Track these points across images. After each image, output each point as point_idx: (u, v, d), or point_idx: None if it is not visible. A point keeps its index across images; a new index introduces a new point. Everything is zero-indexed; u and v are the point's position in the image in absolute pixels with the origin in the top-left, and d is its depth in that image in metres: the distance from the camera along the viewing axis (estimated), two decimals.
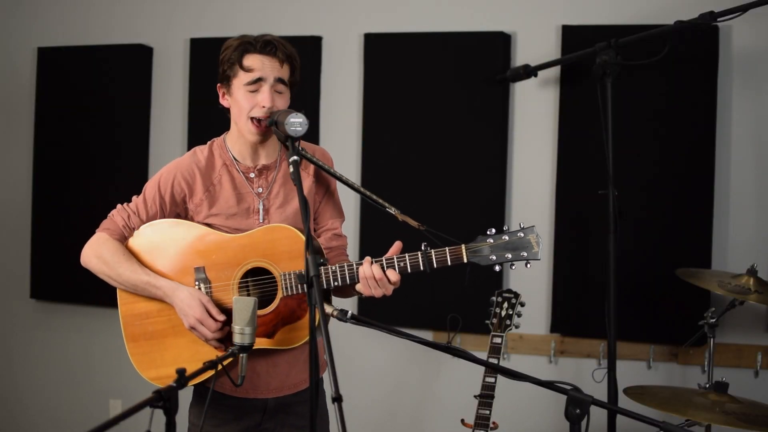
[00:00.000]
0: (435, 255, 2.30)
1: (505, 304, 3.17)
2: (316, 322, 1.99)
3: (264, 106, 2.40)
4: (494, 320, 3.16)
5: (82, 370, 4.51)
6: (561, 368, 3.82)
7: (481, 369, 3.02)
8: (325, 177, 2.56)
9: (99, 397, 4.47)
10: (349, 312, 2.16)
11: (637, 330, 3.66)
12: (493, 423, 3.03)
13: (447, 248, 2.31)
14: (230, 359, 2.21)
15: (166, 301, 2.41)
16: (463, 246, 2.31)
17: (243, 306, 2.20)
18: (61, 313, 4.54)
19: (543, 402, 3.74)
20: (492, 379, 3.04)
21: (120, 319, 2.47)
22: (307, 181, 2.52)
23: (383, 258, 2.32)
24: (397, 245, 2.35)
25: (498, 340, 3.12)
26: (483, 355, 3.08)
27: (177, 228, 2.46)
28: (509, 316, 3.16)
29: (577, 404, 2.08)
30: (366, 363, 4.05)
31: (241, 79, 2.42)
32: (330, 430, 2.61)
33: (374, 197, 2.46)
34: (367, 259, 2.32)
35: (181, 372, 1.91)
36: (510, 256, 2.31)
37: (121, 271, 2.41)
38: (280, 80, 2.43)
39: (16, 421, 4.65)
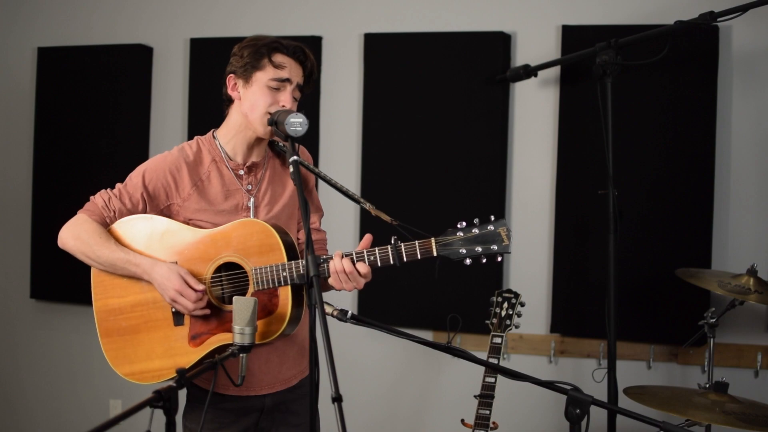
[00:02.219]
0: (405, 249, 2.28)
1: (505, 304, 3.17)
2: (316, 323, 1.99)
3: (284, 106, 2.41)
4: (494, 320, 3.16)
5: (82, 370, 4.50)
6: (561, 368, 3.82)
7: (481, 369, 3.02)
8: (304, 175, 2.56)
9: (99, 397, 4.47)
10: (349, 312, 2.17)
11: (637, 330, 3.66)
12: (493, 423, 3.03)
13: (417, 242, 2.27)
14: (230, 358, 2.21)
15: (144, 279, 2.40)
16: (432, 239, 2.27)
17: (243, 306, 2.21)
18: (61, 313, 4.54)
19: (543, 402, 3.74)
20: (492, 379, 3.04)
21: (94, 314, 2.48)
22: (290, 179, 2.51)
23: (353, 252, 2.32)
24: (367, 238, 2.34)
25: (498, 340, 3.12)
26: (483, 355, 3.08)
27: (149, 223, 2.44)
28: (509, 316, 3.16)
29: (577, 404, 2.09)
30: (366, 363, 4.05)
31: (267, 74, 2.41)
32: (328, 429, 2.60)
33: (350, 193, 2.45)
34: (338, 252, 2.32)
35: (181, 372, 1.90)
36: (480, 249, 2.27)
37: (99, 249, 2.41)
38: (299, 87, 2.46)
39: (17, 420, 4.65)
